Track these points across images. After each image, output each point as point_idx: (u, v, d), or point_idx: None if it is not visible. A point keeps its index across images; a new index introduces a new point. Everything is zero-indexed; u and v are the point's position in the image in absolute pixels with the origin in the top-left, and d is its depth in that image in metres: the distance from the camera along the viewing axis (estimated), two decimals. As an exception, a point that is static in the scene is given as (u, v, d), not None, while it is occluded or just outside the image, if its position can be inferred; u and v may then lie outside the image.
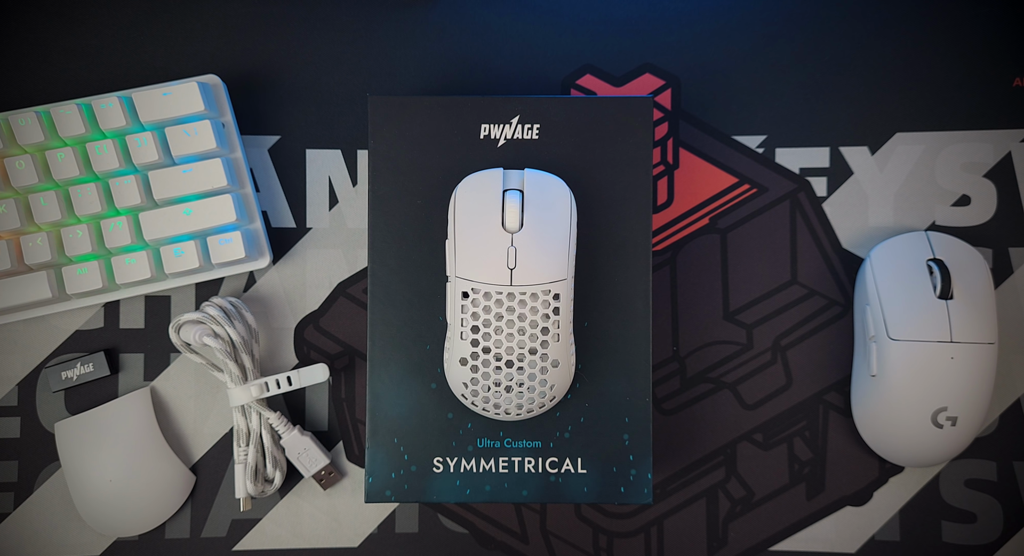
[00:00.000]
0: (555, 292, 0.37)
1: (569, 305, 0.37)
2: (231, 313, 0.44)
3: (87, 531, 0.45)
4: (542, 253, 0.36)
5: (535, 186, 0.38)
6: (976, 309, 0.41)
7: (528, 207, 0.37)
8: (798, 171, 0.46)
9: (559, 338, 0.37)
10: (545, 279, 0.36)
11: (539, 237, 0.37)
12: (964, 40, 0.46)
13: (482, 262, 0.36)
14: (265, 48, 0.47)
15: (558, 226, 0.37)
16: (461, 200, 0.38)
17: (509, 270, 0.36)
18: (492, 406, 0.38)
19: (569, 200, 0.38)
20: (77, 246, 0.43)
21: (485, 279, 0.36)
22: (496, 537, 0.45)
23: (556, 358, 0.37)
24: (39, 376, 0.46)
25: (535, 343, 0.37)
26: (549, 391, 0.38)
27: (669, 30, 0.47)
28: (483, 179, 0.38)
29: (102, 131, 0.43)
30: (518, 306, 0.36)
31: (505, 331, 0.37)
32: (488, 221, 0.37)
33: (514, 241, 0.36)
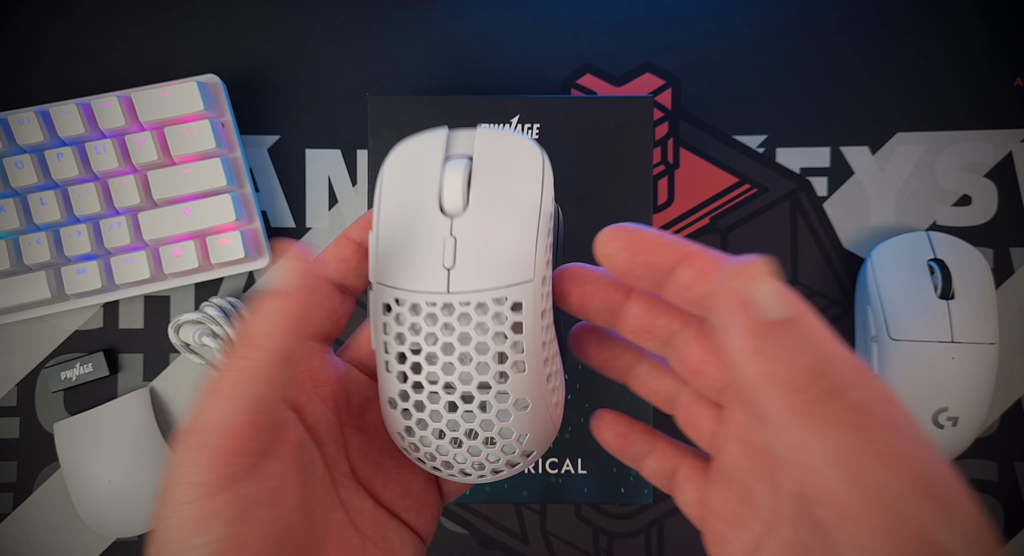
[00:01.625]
0: (514, 300, 0.24)
1: (539, 319, 0.25)
2: (230, 313, 0.44)
3: (86, 532, 0.45)
4: (494, 244, 0.25)
5: (491, 149, 0.26)
6: (977, 309, 0.41)
7: (478, 179, 0.25)
8: (799, 171, 0.46)
9: (524, 367, 0.25)
10: (497, 282, 0.24)
11: (490, 221, 0.25)
12: (965, 40, 0.46)
13: (409, 260, 0.25)
14: (264, 48, 0.47)
15: (520, 203, 0.25)
16: (389, 175, 0.26)
17: (445, 271, 0.25)
18: (442, 465, 0.26)
19: (541, 166, 0.26)
20: (76, 246, 0.43)
21: (412, 285, 0.25)
22: (496, 538, 0.45)
23: (522, 395, 0.25)
24: (38, 376, 0.46)
25: (486, 376, 0.25)
26: (517, 444, 0.26)
27: (669, 29, 0.47)
28: (419, 144, 0.27)
29: (101, 131, 0.43)
30: (458, 323, 0.24)
31: (441, 359, 0.25)
32: (421, 202, 0.25)
33: (454, 228, 0.25)
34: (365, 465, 0.27)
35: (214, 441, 0.20)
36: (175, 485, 0.20)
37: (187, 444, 0.21)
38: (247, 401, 0.21)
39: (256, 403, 0.21)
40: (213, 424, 0.21)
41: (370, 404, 0.28)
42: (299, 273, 0.26)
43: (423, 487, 0.28)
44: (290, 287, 0.22)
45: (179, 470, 0.20)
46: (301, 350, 0.22)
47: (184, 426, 0.21)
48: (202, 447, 0.20)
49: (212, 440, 0.20)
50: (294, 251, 0.22)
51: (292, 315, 0.22)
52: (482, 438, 0.26)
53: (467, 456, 0.26)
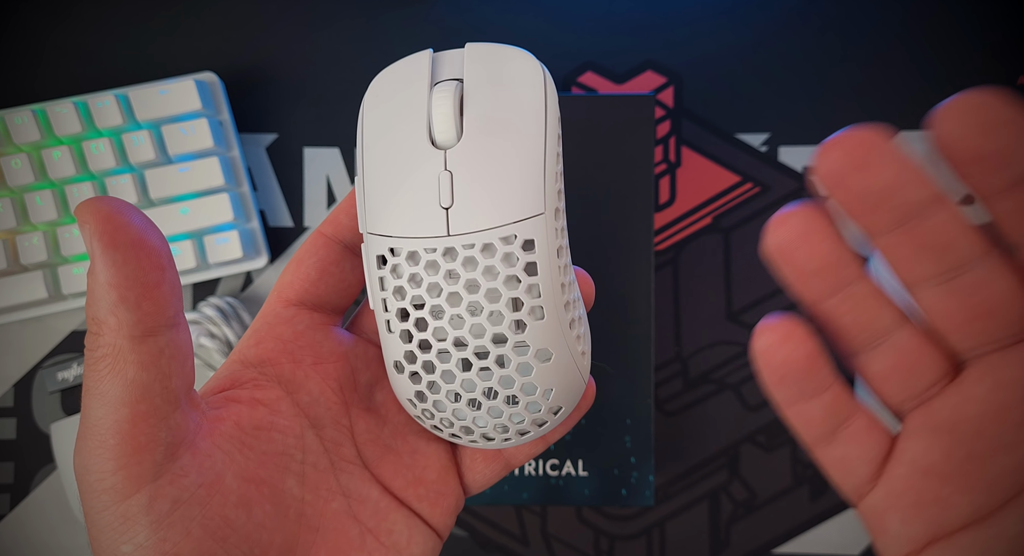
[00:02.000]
0: (524, 238, 0.21)
1: (555, 258, 0.22)
2: (228, 313, 0.43)
3: (83, 533, 0.45)
4: (496, 175, 0.22)
5: (483, 68, 0.23)
6: (981, 309, 0.41)
7: (470, 103, 0.22)
8: (802, 170, 0.46)
9: (543, 314, 0.22)
10: (503, 218, 0.21)
11: (489, 149, 0.22)
12: (968, 38, 0.46)
13: (401, 203, 0.22)
14: (263, 46, 0.46)
15: (522, 126, 0.22)
16: (370, 109, 0.23)
17: (443, 211, 0.21)
18: (461, 431, 0.24)
19: (542, 81, 0.23)
20: (73, 246, 0.43)
21: (407, 231, 0.22)
22: (496, 540, 0.45)
23: (544, 346, 0.22)
24: (35, 377, 0.45)
25: (500, 326, 0.22)
26: (544, 401, 0.23)
27: (672, 27, 0.46)
28: (401, 71, 0.23)
29: (98, 129, 0.43)
30: (464, 269, 0.22)
31: (448, 312, 0.22)
32: (408, 136, 0.22)
33: (448, 161, 0.22)
34: (374, 448, 0.25)
35: (110, 441, 0.19)
36: (87, 493, 0.19)
37: (85, 448, 0.19)
38: (123, 392, 0.19)
39: (134, 392, 0.19)
40: (102, 423, 0.19)
41: (381, 382, 0.26)
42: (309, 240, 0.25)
43: (440, 474, 0.25)
44: (98, 250, 0.19)
45: (85, 478, 0.19)
46: (155, 317, 0.19)
47: (79, 432, 0.20)
48: (100, 449, 0.19)
49: (108, 440, 0.19)
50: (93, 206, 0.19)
51: (113, 285, 0.19)
52: (503, 397, 0.23)
53: (488, 418, 0.23)
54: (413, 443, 0.25)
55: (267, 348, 0.24)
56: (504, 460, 0.27)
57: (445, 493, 0.25)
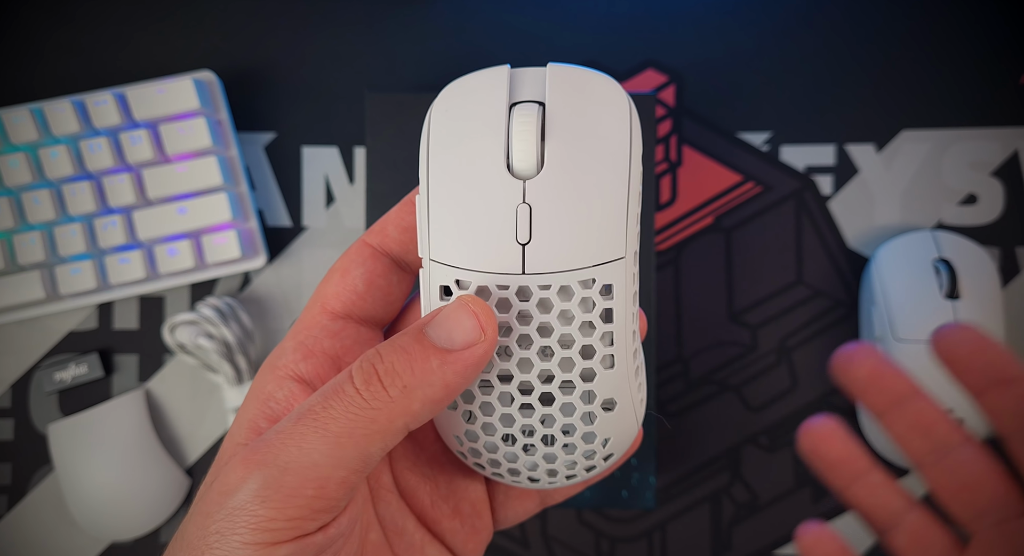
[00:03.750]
0: (604, 282, 0.21)
1: (631, 305, 0.21)
2: (226, 313, 0.43)
3: (81, 535, 0.45)
4: (579, 213, 0.20)
5: (567, 92, 0.21)
6: (983, 309, 0.41)
7: (553, 131, 0.21)
8: (803, 169, 0.46)
9: (613, 361, 0.21)
10: (586, 260, 0.20)
11: (571, 184, 0.21)
12: (971, 37, 0.46)
13: (472, 233, 0.21)
14: (261, 44, 0.46)
15: (606, 161, 0.21)
16: (439, 124, 0.22)
17: (520, 246, 0.20)
18: (507, 471, 0.23)
19: (628, 113, 0.21)
20: (70, 245, 0.42)
21: (478, 265, 0.21)
22: (496, 541, 0.45)
23: (610, 395, 0.22)
24: (32, 378, 0.45)
25: (570, 373, 0.21)
26: (601, 449, 0.22)
27: (672, 26, 0.46)
28: (476, 85, 0.22)
29: (96, 129, 0.43)
30: (538, 311, 0.21)
31: (518, 354, 0.21)
32: (483, 157, 0.21)
33: (528, 194, 0.20)
34: (411, 476, 0.24)
35: (308, 491, 0.18)
36: (237, 518, 0.18)
37: (268, 477, 0.18)
38: (355, 458, 0.19)
39: (363, 462, 0.19)
40: (310, 471, 0.18)
41: None
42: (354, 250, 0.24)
43: (475, 508, 0.25)
44: (460, 356, 0.19)
45: (249, 506, 0.18)
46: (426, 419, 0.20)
47: (267, 445, 0.19)
48: (289, 491, 0.18)
49: (305, 489, 0.18)
50: (475, 302, 0.20)
51: (448, 388, 0.19)
52: (560, 444, 0.22)
53: (539, 463, 0.22)
54: (450, 473, 0.25)
55: (316, 364, 0.22)
56: (540, 498, 0.26)
57: (479, 528, 0.25)
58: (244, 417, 0.22)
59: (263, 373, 0.23)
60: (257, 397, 0.22)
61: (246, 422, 0.22)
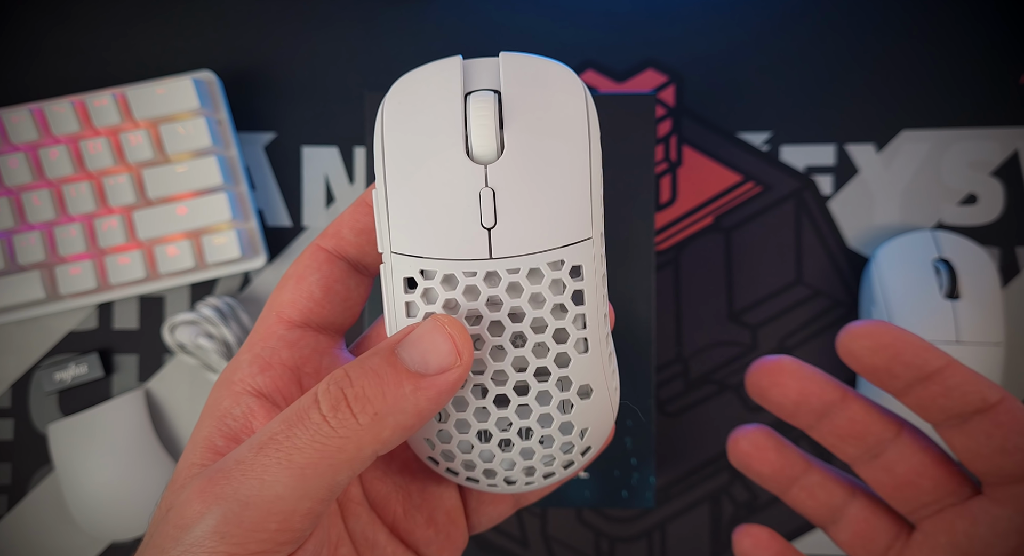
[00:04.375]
0: (573, 263, 0.20)
1: (600, 286, 0.21)
2: (226, 313, 0.43)
3: (81, 534, 0.45)
4: (543, 195, 0.20)
5: (521, 79, 0.21)
6: (983, 309, 0.41)
7: (511, 116, 0.21)
8: (803, 169, 0.46)
9: (587, 345, 0.21)
10: (553, 241, 0.20)
11: (533, 167, 0.20)
12: (971, 36, 0.46)
13: (435, 221, 0.20)
14: (261, 44, 0.46)
15: (567, 142, 0.21)
16: (392, 116, 0.21)
17: (485, 231, 0.20)
18: (482, 474, 0.22)
19: (583, 97, 0.21)
20: (70, 245, 0.42)
21: (443, 252, 0.20)
22: (496, 541, 0.45)
23: (586, 381, 0.21)
24: (32, 377, 0.45)
25: (545, 359, 0.21)
26: (578, 440, 0.22)
27: (672, 25, 0.46)
28: (429, 77, 0.21)
29: (96, 128, 0.43)
30: (508, 295, 0.20)
31: (490, 342, 0.20)
32: (441, 148, 0.20)
33: (490, 177, 0.20)
34: (382, 486, 0.23)
35: (271, 525, 0.17)
36: (193, 550, 0.17)
37: (227, 511, 0.17)
38: (320, 488, 0.18)
39: (329, 492, 0.18)
40: (273, 504, 0.17)
41: None
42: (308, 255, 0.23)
43: (449, 515, 0.24)
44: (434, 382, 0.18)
45: (208, 542, 0.17)
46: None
47: (226, 476, 0.18)
48: (250, 525, 0.17)
49: (268, 523, 0.17)
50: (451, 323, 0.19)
51: (420, 414, 0.18)
52: (537, 437, 0.21)
53: (516, 461, 0.21)
54: (422, 481, 0.24)
55: (274, 376, 0.21)
56: (514, 500, 0.25)
57: (454, 536, 0.24)
58: (200, 436, 0.20)
59: (218, 388, 0.21)
60: (213, 414, 0.21)
61: (201, 441, 0.20)
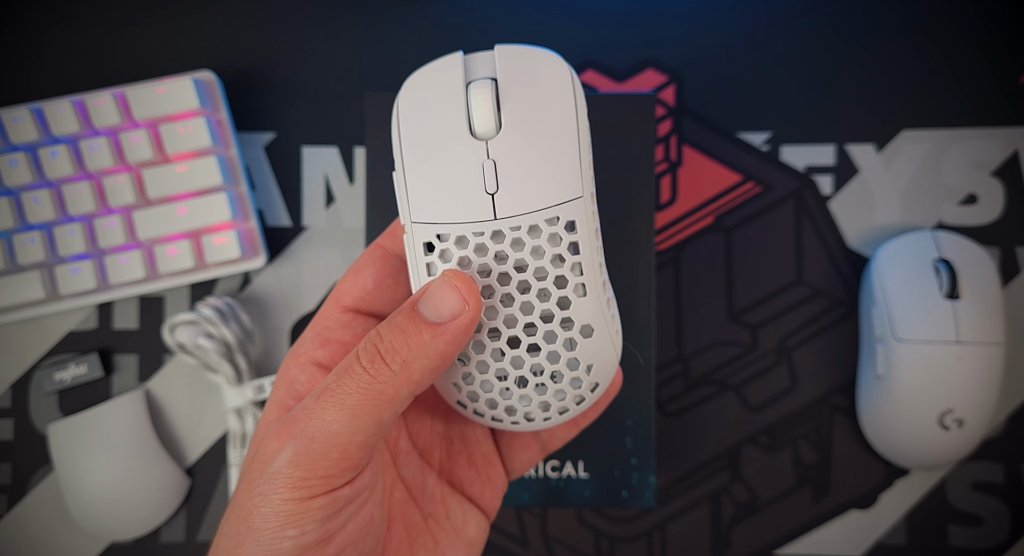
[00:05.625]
0: (567, 219, 0.24)
1: (593, 235, 0.24)
2: (226, 313, 0.43)
3: (81, 535, 0.45)
4: (537, 162, 0.24)
5: (514, 67, 0.25)
6: (983, 309, 0.41)
7: (507, 98, 0.24)
8: (803, 169, 0.46)
9: (585, 290, 0.24)
10: (548, 200, 0.23)
11: (528, 139, 0.24)
12: (971, 36, 0.46)
13: (446, 191, 0.24)
14: (261, 44, 0.46)
15: (556, 117, 0.24)
16: (406, 107, 0.25)
17: (489, 196, 0.23)
18: (504, 412, 0.25)
19: (569, 78, 0.25)
20: (70, 245, 0.42)
21: (455, 217, 0.24)
22: (496, 541, 0.45)
23: (587, 321, 0.24)
24: (32, 378, 0.45)
25: (548, 303, 0.24)
26: (586, 376, 0.25)
27: (672, 25, 0.46)
28: (434, 72, 0.25)
29: (96, 128, 0.43)
30: (512, 249, 0.24)
31: (499, 291, 0.24)
32: (448, 129, 0.24)
33: (491, 151, 0.24)
34: (427, 436, 0.27)
35: (333, 455, 0.21)
36: (276, 480, 0.21)
37: (298, 446, 0.21)
38: (370, 424, 0.21)
39: (377, 427, 0.22)
40: (333, 439, 0.21)
41: None
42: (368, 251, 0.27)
43: (486, 458, 0.28)
44: (448, 327, 0.22)
45: (285, 470, 0.21)
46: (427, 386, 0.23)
47: (295, 419, 0.22)
48: (317, 455, 0.21)
49: (331, 453, 0.21)
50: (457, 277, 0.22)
51: (443, 356, 0.22)
52: (548, 373, 0.25)
53: (532, 397, 0.25)
54: (459, 428, 0.28)
55: (332, 351, 0.25)
56: (540, 444, 0.29)
57: (493, 477, 0.28)
58: (274, 398, 0.25)
59: (287, 361, 0.26)
60: (283, 381, 0.25)
61: (275, 402, 0.25)
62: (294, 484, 0.21)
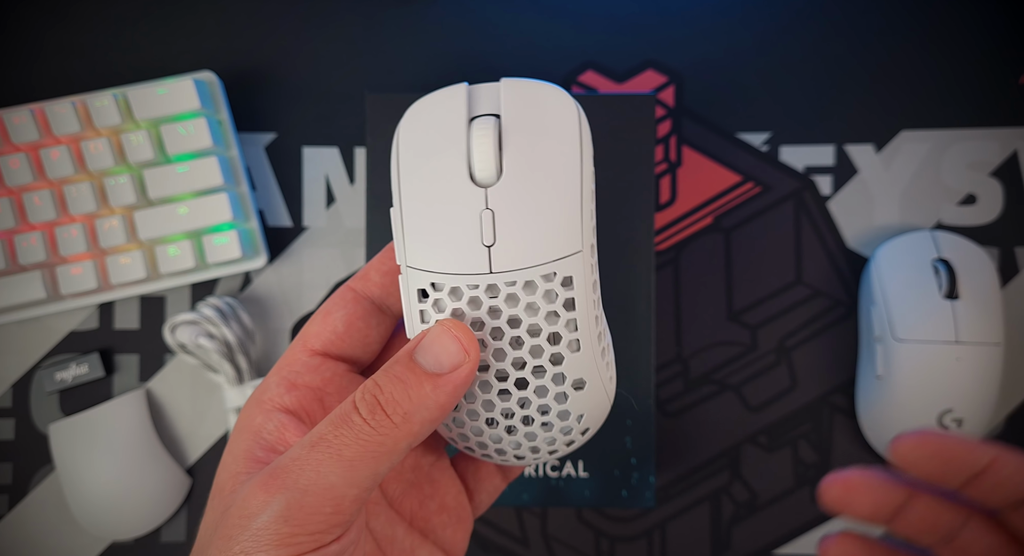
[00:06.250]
0: (564, 274, 0.23)
1: (590, 289, 0.24)
2: (227, 313, 0.43)
3: (82, 534, 0.45)
4: (537, 215, 0.23)
5: (519, 104, 0.24)
6: (982, 309, 0.41)
7: (509, 141, 0.23)
8: (803, 169, 0.46)
9: (579, 345, 0.24)
10: (546, 256, 0.23)
11: (529, 188, 0.23)
12: (970, 37, 0.46)
13: (443, 240, 0.23)
14: (262, 44, 0.46)
15: (560, 165, 0.23)
16: (407, 142, 0.24)
17: (485, 248, 0.23)
18: (494, 452, 0.25)
19: (577, 121, 0.24)
20: (71, 246, 0.42)
21: (450, 267, 0.23)
22: (496, 541, 0.45)
23: (579, 376, 0.24)
24: (33, 377, 0.45)
25: (541, 358, 0.23)
26: (576, 424, 0.25)
27: (672, 26, 0.46)
28: (437, 104, 0.24)
29: (97, 129, 0.43)
30: (506, 305, 0.23)
31: (492, 345, 0.23)
32: (448, 169, 0.23)
33: (490, 200, 0.23)
34: (396, 485, 0.26)
35: (326, 509, 0.20)
36: (261, 537, 0.20)
37: (290, 499, 0.20)
38: (367, 477, 0.21)
39: (373, 481, 0.21)
40: (328, 491, 0.20)
41: None
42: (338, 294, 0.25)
43: (457, 498, 0.28)
44: (449, 379, 0.21)
45: (272, 525, 0.20)
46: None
47: (285, 470, 0.20)
48: (310, 509, 0.20)
49: (324, 507, 0.20)
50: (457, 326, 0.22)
51: (443, 408, 0.21)
52: (538, 423, 0.24)
53: (522, 442, 0.25)
54: (428, 473, 0.27)
55: (300, 396, 0.24)
56: (503, 474, 0.29)
57: (463, 518, 0.28)
58: (239, 448, 0.23)
59: (250, 408, 0.24)
60: (248, 429, 0.24)
61: (242, 453, 0.23)
62: (281, 541, 0.20)
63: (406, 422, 0.21)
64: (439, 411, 0.21)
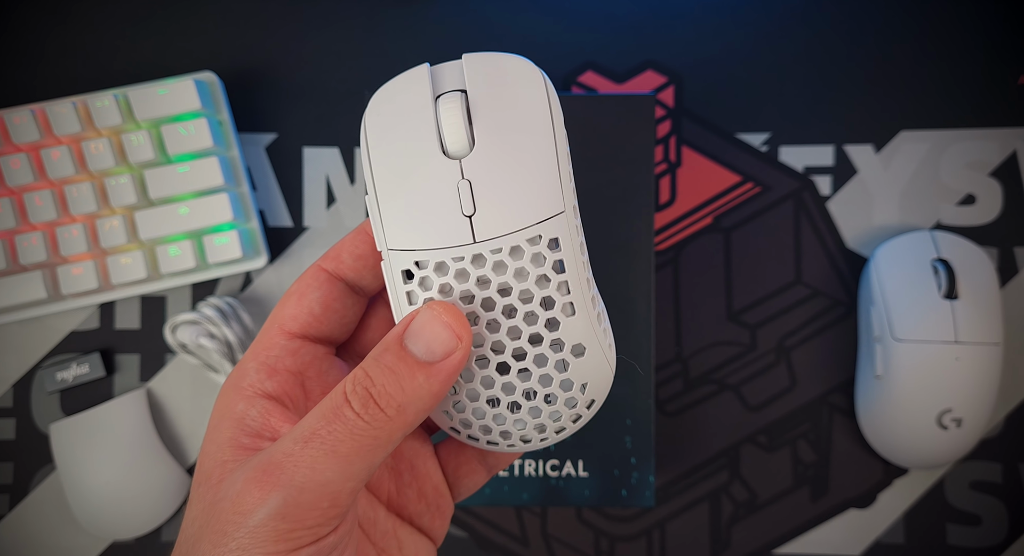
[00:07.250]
0: (550, 236, 0.22)
1: (578, 250, 0.23)
2: (227, 313, 0.43)
3: (83, 534, 0.45)
4: (514, 179, 0.22)
5: (483, 76, 0.23)
6: (981, 309, 0.41)
7: (478, 111, 0.23)
8: (802, 169, 0.46)
9: (574, 308, 0.23)
10: (528, 219, 0.22)
11: (503, 155, 0.23)
12: (969, 37, 0.46)
13: (422, 216, 0.22)
14: (262, 45, 0.46)
15: (531, 129, 0.23)
16: (373, 126, 0.24)
17: (467, 219, 0.22)
18: (499, 436, 0.24)
19: (543, 85, 0.24)
20: (72, 246, 0.43)
21: (432, 243, 0.22)
22: (496, 541, 0.45)
23: (578, 340, 0.23)
24: (34, 377, 0.45)
25: (536, 326, 0.23)
26: (581, 395, 0.24)
27: (672, 26, 0.46)
28: (401, 86, 0.24)
29: (97, 129, 0.43)
30: (494, 273, 0.22)
31: (484, 317, 0.23)
32: (418, 149, 0.23)
33: (465, 170, 0.22)
34: (377, 471, 0.26)
35: (323, 504, 0.20)
36: (259, 534, 0.20)
37: (287, 497, 0.20)
38: (362, 470, 0.20)
39: (368, 472, 0.21)
40: (325, 487, 0.20)
41: None
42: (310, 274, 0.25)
43: (436, 489, 0.27)
44: (442, 367, 0.21)
45: (271, 522, 0.20)
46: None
47: (279, 467, 0.20)
48: (306, 506, 0.20)
49: (321, 502, 0.20)
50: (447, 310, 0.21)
51: (437, 397, 0.21)
52: (541, 396, 0.24)
53: (527, 420, 0.24)
54: (410, 460, 0.27)
55: (281, 381, 0.24)
56: (487, 468, 0.28)
57: (442, 506, 0.27)
58: (222, 436, 0.23)
59: (227, 394, 0.24)
60: (230, 416, 0.23)
61: (227, 441, 0.23)
62: (280, 537, 0.20)
63: (400, 414, 0.21)
64: (433, 400, 0.21)
